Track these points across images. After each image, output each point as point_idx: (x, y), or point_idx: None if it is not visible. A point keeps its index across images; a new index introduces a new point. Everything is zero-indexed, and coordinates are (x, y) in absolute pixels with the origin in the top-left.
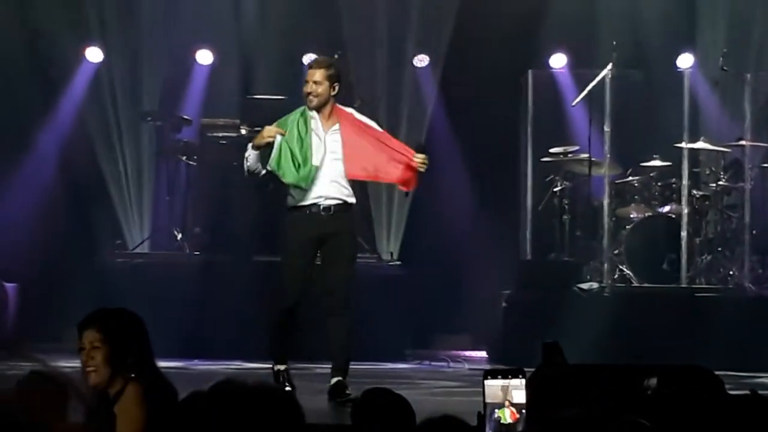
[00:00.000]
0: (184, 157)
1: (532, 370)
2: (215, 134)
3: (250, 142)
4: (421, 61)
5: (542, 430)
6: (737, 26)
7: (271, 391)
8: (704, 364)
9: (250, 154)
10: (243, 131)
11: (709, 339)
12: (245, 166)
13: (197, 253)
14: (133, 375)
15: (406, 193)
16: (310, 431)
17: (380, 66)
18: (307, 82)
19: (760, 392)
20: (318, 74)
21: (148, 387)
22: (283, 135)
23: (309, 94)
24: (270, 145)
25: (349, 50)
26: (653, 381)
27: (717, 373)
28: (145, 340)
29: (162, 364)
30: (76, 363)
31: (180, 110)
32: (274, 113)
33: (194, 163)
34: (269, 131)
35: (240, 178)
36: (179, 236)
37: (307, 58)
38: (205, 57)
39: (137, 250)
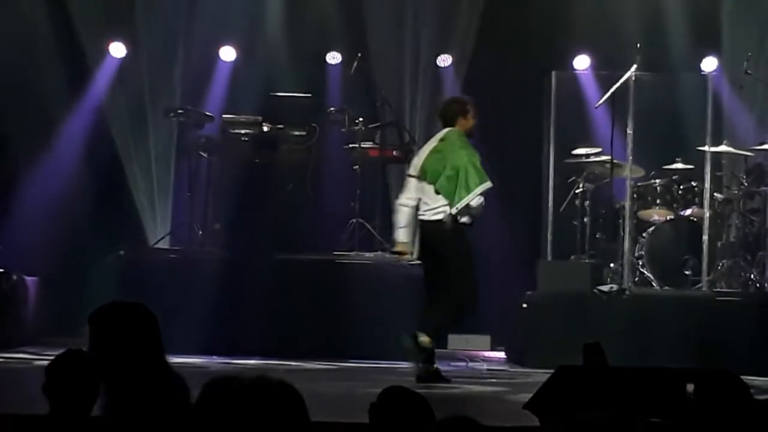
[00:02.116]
0: (206, 154)
1: (551, 371)
2: (237, 131)
3: (275, 139)
4: (444, 61)
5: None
6: (762, 30)
7: (271, 387)
8: (724, 368)
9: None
10: (265, 128)
11: (729, 343)
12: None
13: (218, 249)
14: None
15: None
16: (326, 429)
17: (403, 66)
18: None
19: None
20: None
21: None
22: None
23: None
24: None
25: (372, 50)
26: (691, 387)
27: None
28: (153, 337)
29: (180, 360)
30: None
31: (202, 107)
32: (296, 111)
33: (215, 160)
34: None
35: (261, 175)
36: (200, 232)
37: (330, 56)
38: (228, 54)
39: (158, 246)
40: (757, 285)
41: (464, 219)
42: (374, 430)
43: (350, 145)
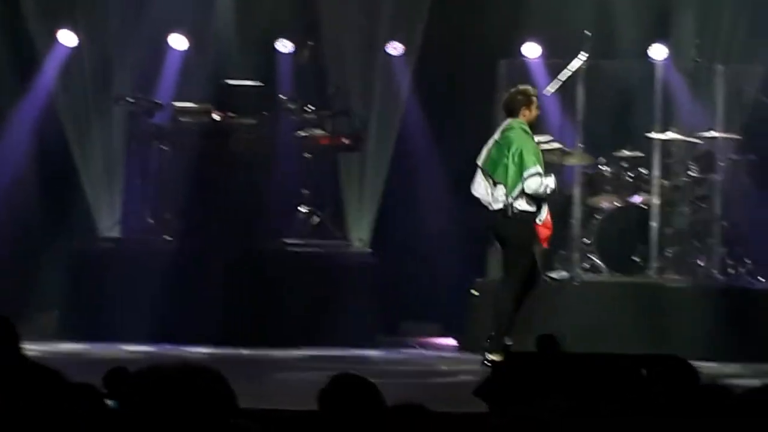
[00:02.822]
0: (157, 142)
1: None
2: (188, 119)
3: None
4: (396, 49)
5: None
6: (710, 18)
7: (198, 373)
8: (672, 354)
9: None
10: (216, 117)
11: (677, 329)
12: (545, 189)
13: (169, 238)
14: None
15: None
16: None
17: (354, 54)
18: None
19: (729, 382)
20: None
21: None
22: None
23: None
24: None
25: (324, 37)
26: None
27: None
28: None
29: (131, 348)
30: (44, 347)
31: (153, 95)
32: (247, 99)
33: (166, 148)
34: None
35: (212, 163)
36: (150, 221)
37: (281, 44)
38: (178, 42)
39: (108, 235)
40: (705, 271)
41: (525, 206)
42: (323, 417)
43: (301, 133)
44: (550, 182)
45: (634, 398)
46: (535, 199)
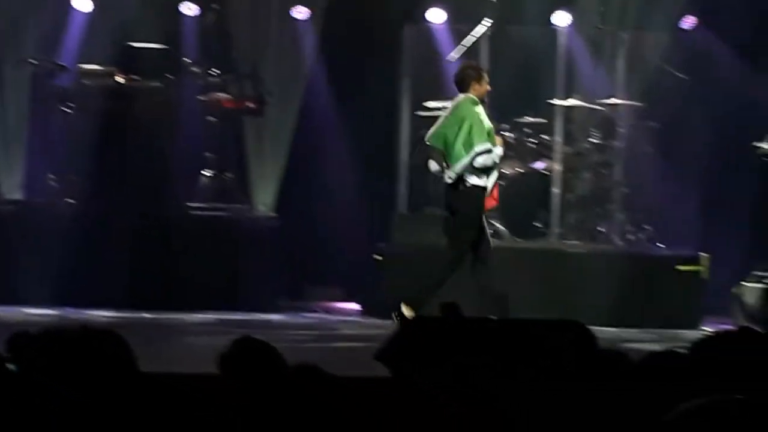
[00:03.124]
0: (60, 104)
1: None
2: (92, 82)
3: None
4: (301, 13)
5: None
6: None
7: (98, 337)
8: (573, 319)
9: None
10: (120, 79)
11: (578, 294)
12: (493, 161)
13: (72, 201)
14: None
15: None
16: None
17: (259, 17)
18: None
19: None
20: None
21: None
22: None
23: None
24: None
25: (228, 1)
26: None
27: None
28: None
29: (34, 311)
30: None
31: (57, 57)
32: (152, 62)
33: (70, 111)
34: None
35: (116, 126)
36: (55, 184)
37: (186, 7)
38: (82, 4)
39: (10, 197)
40: (606, 237)
41: (476, 181)
42: (224, 380)
43: (205, 97)
44: (497, 153)
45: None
46: (486, 171)
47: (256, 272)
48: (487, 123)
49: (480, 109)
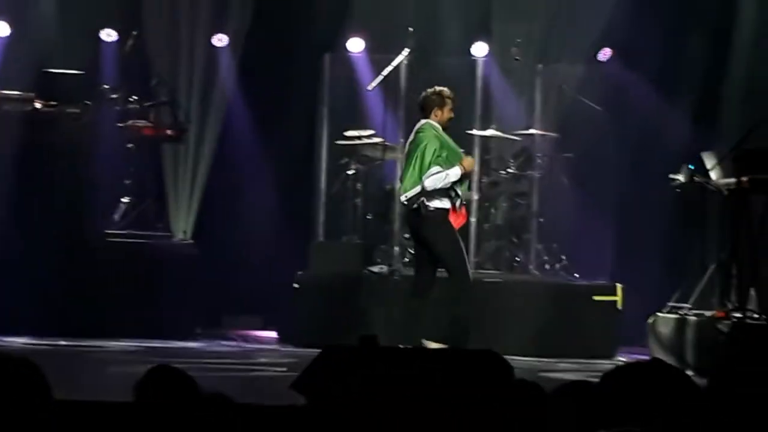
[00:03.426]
0: None
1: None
2: (9, 108)
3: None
4: (220, 40)
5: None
6: (530, 18)
7: (12, 364)
8: (489, 348)
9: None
10: (38, 105)
11: (494, 324)
12: (445, 183)
13: None
14: None
15: None
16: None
17: (179, 44)
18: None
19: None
20: None
21: None
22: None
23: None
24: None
25: (147, 28)
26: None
27: (504, 357)
28: None
29: None
30: None
31: None
32: (70, 88)
33: None
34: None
35: (33, 152)
36: None
37: (105, 33)
38: (0, 29)
39: None
40: (522, 267)
41: (438, 204)
42: (138, 408)
43: (124, 124)
44: (452, 173)
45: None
46: (446, 193)
47: (174, 300)
48: (450, 145)
49: (438, 134)
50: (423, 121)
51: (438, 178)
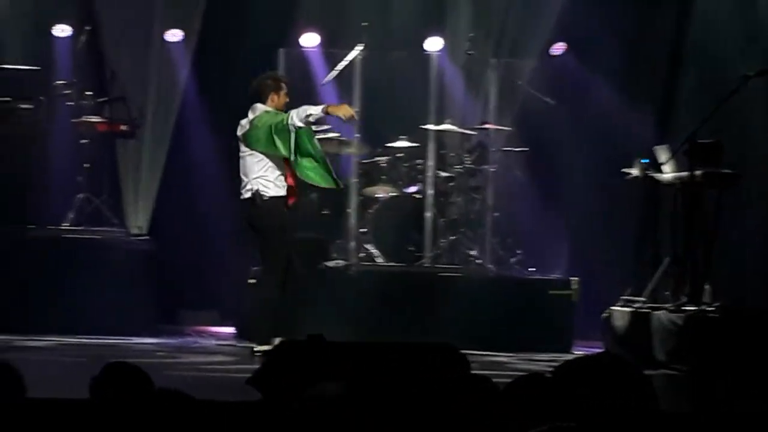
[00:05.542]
0: None
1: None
2: None
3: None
4: (174, 35)
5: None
6: (483, 12)
7: None
8: (446, 343)
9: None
10: None
11: (451, 318)
12: (306, 120)
13: None
14: None
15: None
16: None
17: (132, 39)
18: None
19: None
20: None
21: None
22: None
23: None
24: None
25: (101, 23)
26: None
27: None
28: None
29: None
30: None
31: None
32: (23, 84)
33: None
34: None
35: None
36: None
37: (58, 29)
38: None
39: None
40: (478, 261)
41: (274, 192)
42: (94, 404)
43: (78, 119)
44: (312, 110)
45: (406, 386)
46: (277, 182)
47: (130, 295)
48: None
49: (271, 117)
50: (257, 106)
51: (300, 111)
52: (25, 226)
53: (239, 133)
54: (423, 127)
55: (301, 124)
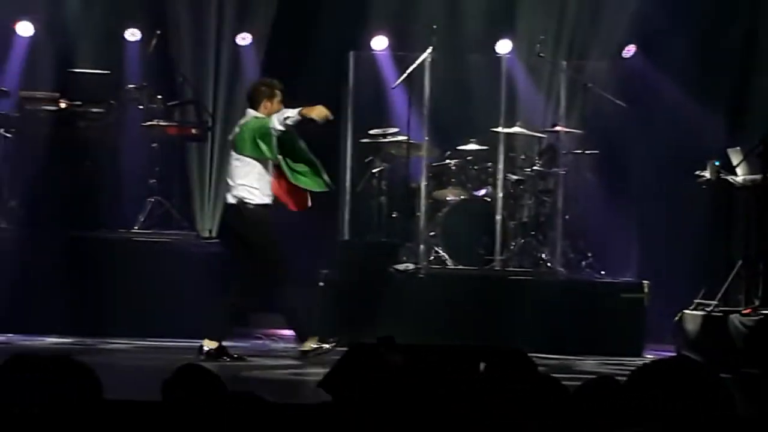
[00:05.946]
0: (2, 130)
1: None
2: (34, 107)
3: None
4: (244, 39)
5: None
6: (554, 14)
7: (67, 364)
8: (516, 346)
9: (295, 119)
10: (63, 105)
11: (521, 321)
12: (284, 123)
13: (13, 227)
14: None
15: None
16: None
17: (203, 44)
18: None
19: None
20: None
21: None
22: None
23: None
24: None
25: (171, 27)
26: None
27: (529, 355)
28: None
29: None
30: None
31: None
32: (94, 88)
33: (12, 136)
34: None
35: (58, 152)
36: None
37: (129, 33)
38: (25, 29)
39: None
40: (548, 264)
41: (260, 200)
42: (167, 407)
43: (149, 123)
44: (290, 112)
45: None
46: (261, 189)
47: (199, 298)
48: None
49: (257, 122)
50: (250, 111)
51: (279, 115)
52: (97, 229)
53: (230, 137)
54: (493, 129)
55: (281, 128)
